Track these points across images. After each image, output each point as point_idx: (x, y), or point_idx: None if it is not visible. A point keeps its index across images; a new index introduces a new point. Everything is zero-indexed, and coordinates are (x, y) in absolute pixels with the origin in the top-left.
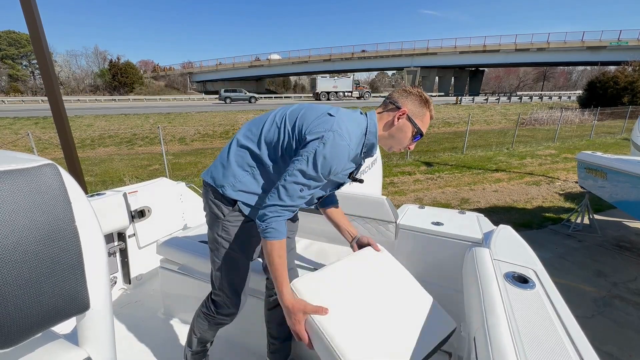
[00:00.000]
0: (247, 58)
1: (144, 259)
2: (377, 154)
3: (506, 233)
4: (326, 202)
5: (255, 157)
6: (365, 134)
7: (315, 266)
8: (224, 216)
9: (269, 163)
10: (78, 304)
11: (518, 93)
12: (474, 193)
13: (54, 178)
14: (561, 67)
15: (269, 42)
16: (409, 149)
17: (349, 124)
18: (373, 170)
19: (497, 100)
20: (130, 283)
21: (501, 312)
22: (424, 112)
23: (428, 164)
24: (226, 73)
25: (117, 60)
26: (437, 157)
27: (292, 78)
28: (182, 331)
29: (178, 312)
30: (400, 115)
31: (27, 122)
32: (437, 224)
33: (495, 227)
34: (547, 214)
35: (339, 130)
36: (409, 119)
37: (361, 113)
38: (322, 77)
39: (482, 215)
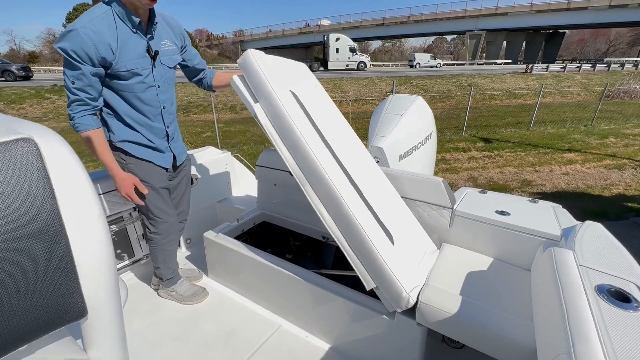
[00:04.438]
0: (297, 25)
1: (192, 223)
2: (433, 130)
3: (595, 232)
4: (207, 83)
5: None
6: (111, 6)
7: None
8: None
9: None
10: (69, 312)
11: (606, 60)
12: (539, 175)
13: (29, 157)
14: None
15: (321, 5)
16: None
17: (83, 16)
18: (426, 147)
19: (577, 69)
20: (180, 246)
21: (594, 337)
22: None
23: (486, 140)
24: (276, 41)
25: None
26: (498, 133)
27: None
28: (224, 293)
29: (220, 275)
30: None
31: None
32: (503, 213)
33: (578, 222)
34: (630, 204)
35: (68, 27)
36: None
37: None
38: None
39: (559, 206)
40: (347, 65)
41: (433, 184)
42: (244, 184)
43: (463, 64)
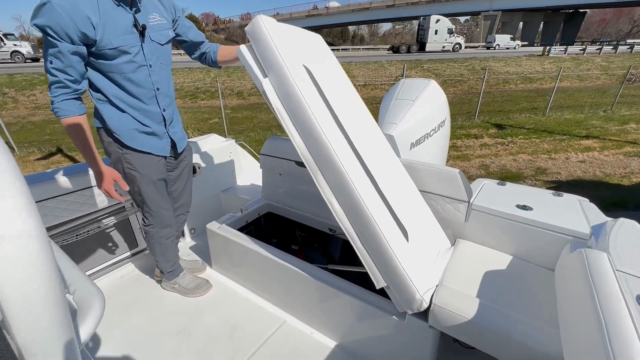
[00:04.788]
0: (305, 7)
1: (197, 213)
2: (447, 116)
3: (631, 231)
4: (211, 58)
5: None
6: None
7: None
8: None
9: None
10: None
11: (629, 41)
12: (554, 162)
13: None
14: None
15: None
16: None
17: None
18: (439, 134)
19: (598, 51)
20: (184, 236)
21: None
22: None
23: (499, 127)
24: None
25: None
26: (511, 119)
27: (351, 28)
28: (228, 286)
29: (224, 267)
30: None
31: None
32: (524, 207)
33: (608, 218)
34: None
35: (41, 0)
36: None
37: None
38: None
39: (586, 199)
40: (443, 47)
41: (448, 176)
42: (249, 172)
43: (538, 45)
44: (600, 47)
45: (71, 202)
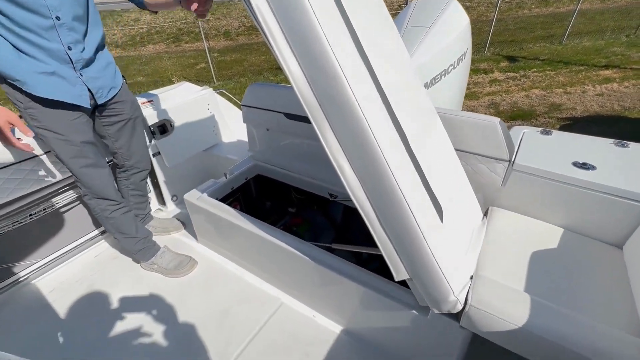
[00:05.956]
0: None
1: (177, 178)
2: (468, 47)
3: None
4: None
5: None
6: None
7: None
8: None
9: None
10: None
11: None
12: (569, 97)
13: None
14: None
15: None
16: None
17: None
18: (458, 70)
19: None
20: (165, 204)
21: None
22: None
23: (511, 59)
24: None
25: None
26: (525, 49)
27: None
28: (216, 262)
29: (211, 240)
30: None
31: None
32: (584, 166)
33: None
34: None
35: None
36: None
37: None
38: None
39: None
40: None
41: (484, 128)
42: (235, 126)
43: None
44: None
45: (6, 179)
